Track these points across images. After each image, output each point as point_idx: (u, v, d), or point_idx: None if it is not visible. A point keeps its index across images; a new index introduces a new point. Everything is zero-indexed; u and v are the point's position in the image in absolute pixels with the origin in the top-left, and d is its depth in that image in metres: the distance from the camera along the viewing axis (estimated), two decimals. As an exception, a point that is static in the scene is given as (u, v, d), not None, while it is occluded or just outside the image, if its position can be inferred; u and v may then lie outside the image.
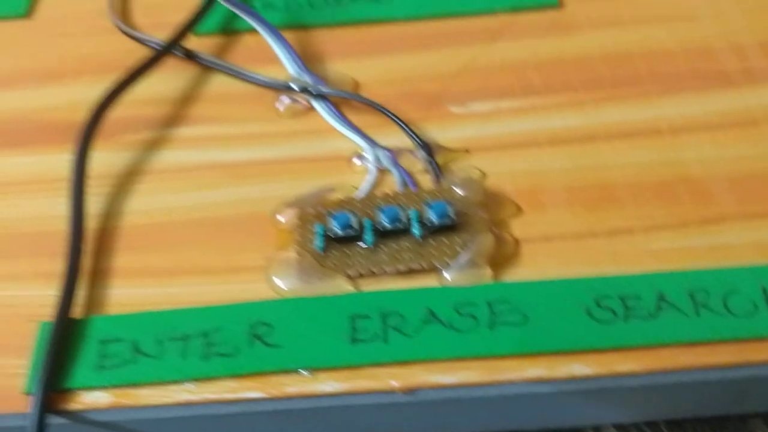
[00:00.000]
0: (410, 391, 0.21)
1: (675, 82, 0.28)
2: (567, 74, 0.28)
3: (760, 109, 0.27)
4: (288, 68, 0.28)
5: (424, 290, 0.22)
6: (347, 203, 0.24)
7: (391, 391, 0.21)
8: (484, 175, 0.25)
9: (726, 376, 0.21)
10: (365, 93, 0.28)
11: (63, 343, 0.22)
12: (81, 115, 0.26)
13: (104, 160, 0.26)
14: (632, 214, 0.24)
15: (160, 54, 0.28)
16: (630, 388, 0.21)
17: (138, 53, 0.29)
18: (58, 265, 0.23)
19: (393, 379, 0.21)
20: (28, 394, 0.21)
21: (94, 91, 0.27)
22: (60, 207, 0.25)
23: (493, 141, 0.26)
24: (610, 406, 0.22)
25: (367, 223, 0.23)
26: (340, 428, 0.21)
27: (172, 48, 0.28)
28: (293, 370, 0.21)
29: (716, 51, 0.29)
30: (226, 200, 0.25)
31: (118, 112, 0.27)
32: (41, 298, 0.23)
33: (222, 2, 0.29)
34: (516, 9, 0.30)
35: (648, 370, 0.21)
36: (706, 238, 0.23)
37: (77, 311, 0.23)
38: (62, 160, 0.26)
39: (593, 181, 0.25)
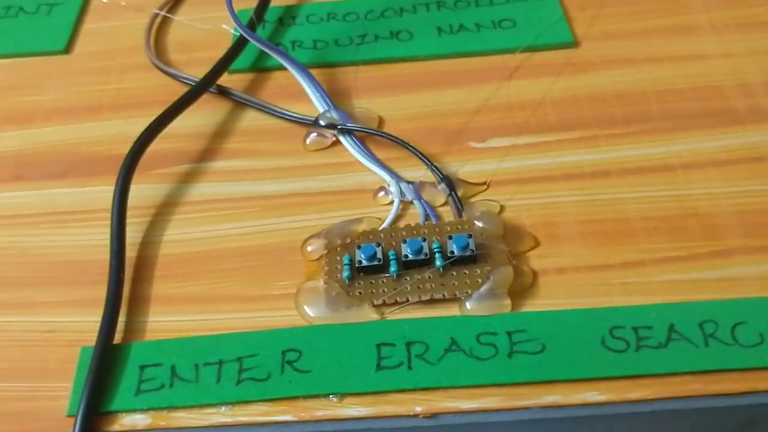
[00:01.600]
0: (432, 416, 0.22)
1: (685, 120, 0.29)
2: (581, 111, 0.30)
3: (767, 146, 0.28)
4: (316, 104, 0.30)
5: (446, 319, 0.24)
6: (372, 234, 0.26)
7: (414, 416, 0.22)
8: (502, 208, 0.27)
9: (733, 403, 0.22)
10: (389, 128, 0.29)
11: (104, 368, 0.23)
12: (119, 147, 0.28)
13: (142, 192, 0.28)
14: (644, 246, 0.25)
15: (198, 91, 0.29)
16: (641, 414, 0.22)
17: (172, 88, 0.31)
18: (99, 293, 0.24)
19: (416, 404, 0.22)
20: (70, 416, 0.22)
21: (131, 125, 0.29)
22: (101, 237, 0.26)
23: (511, 175, 0.28)
24: (623, 430, 0.23)
25: (391, 254, 0.25)
26: (366, 450, 0.23)
27: (208, 85, 0.30)
28: (322, 395, 0.22)
29: (725, 89, 0.30)
30: (258, 231, 0.27)
31: (155, 145, 0.28)
32: (83, 324, 0.24)
33: (253, 42, 0.31)
34: (533, 48, 0.32)
35: (659, 397, 0.22)
36: (715, 271, 0.25)
37: (118, 337, 0.24)
38: (103, 192, 0.27)
39: (606, 215, 0.26)
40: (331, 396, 0.22)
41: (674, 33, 0.32)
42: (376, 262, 0.24)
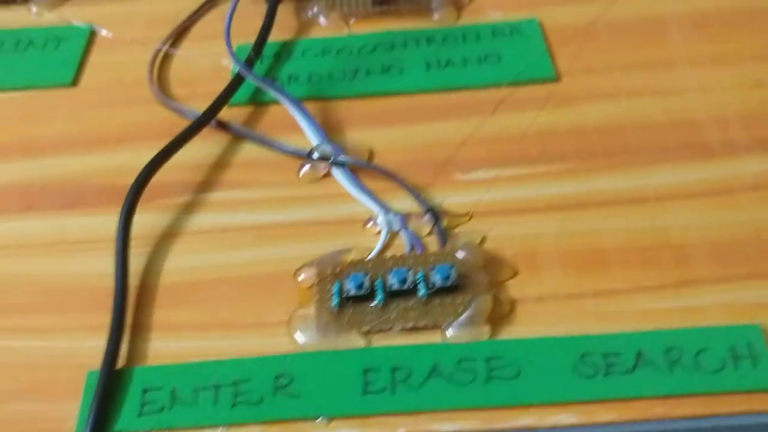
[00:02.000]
0: (415, 437, 0.24)
1: (662, 153, 0.31)
2: (563, 144, 0.31)
3: (738, 179, 0.29)
4: (310, 138, 0.31)
5: (428, 347, 0.25)
6: (361, 264, 0.27)
7: (398, 437, 0.24)
8: (484, 238, 0.28)
9: (695, 426, 0.24)
10: (379, 160, 0.31)
11: (108, 391, 0.24)
12: (124, 178, 0.30)
13: (145, 221, 0.29)
14: (618, 276, 0.27)
15: (198, 126, 0.31)
16: (611, 437, 0.24)
17: (174, 121, 0.32)
18: (105, 319, 0.26)
19: (400, 427, 0.24)
20: (77, 436, 0.24)
21: (135, 156, 0.31)
22: (107, 265, 0.28)
23: (494, 206, 0.29)
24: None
25: (378, 283, 0.26)
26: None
27: (208, 120, 0.31)
28: (312, 418, 0.24)
29: (700, 124, 0.31)
30: (253, 260, 0.28)
31: (157, 177, 0.30)
32: (90, 349, 0.26)
33: (250, 79, 0.32)
34: (517, 82, 0.33)
35: (626, 420, 0.24)
36: (682, 300, 0.26)
37: (121, 361, 0.25)
38: (108, 221, 0.29)
39: (584, 246, 0.28)
40: (320, 419, 0.24)
41: (654, 67, 0.34)
42: (363, 292, 0.26)
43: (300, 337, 0.26)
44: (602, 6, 0.36)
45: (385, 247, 0.28)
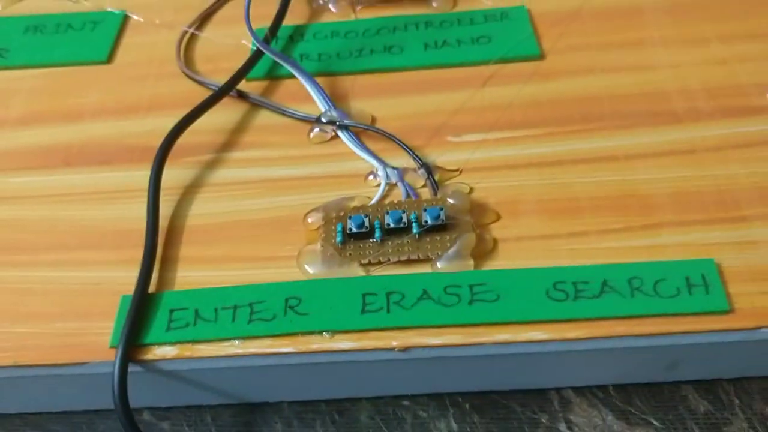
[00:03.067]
0: (406, 349, 0.27)
1: (633, 119, 0.34)
2: (544, 113, 0.35)
3: (700, 141, 0.33)
4: (319, 105, 0.35)
5: (419, 275, 0.29)
6: (362, 209, 0.31)
7: (391, 349, 0.27)
8: (472, 189, 0.32)
9: (654, 343, 0.27)
10: (380, 125, 0.35)
11: (140, 310, 0.28)
12: (155, 140, 0.34)
13: (173, 175, 0.33)
14: (589, 221, 0.30)
15: (219, 95, 0.35)
16: (578, 352, 0.27)
17: (199, 93, 0.36)
18: (137, 254, 0.30)
19: (393, 340, 0.27)
20: (112, 347, 0.27)
21: (164, 122, 0.34)
22: (138, 211, 0.31)
23: (481, 164, 0.33)
24: (565, 370, 0.28)
25: (376, 223, 0.30)
26: (352, 378, 0.28)
27: (228, 90, 0.35)
28: (317, 332, 0.27)
29: (669, 94, 0.35)
30: (268, 207, 0.32)
31: (184, 138, 0.34)
32: (124, 278, 0.29)
33: (268, 53, 0.36)
34: (504, 60, 0.37)
35: (592, 336, 0.27)
36: (646, 240, 0.30)
37: (152, 287, 0.29)
38: (140, 176, 0.33)
39: (559, 195, 0.31)
40: (324, 333, 0.27)
41: (630, 47, 0.38)
42: (363, 230, 0.30)
43: (308, 268, 0.29)
44: (585, -6, 0.40)
45: (384, 196, 0.32)
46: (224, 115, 0.36)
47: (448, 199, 0.31)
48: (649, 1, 0.40)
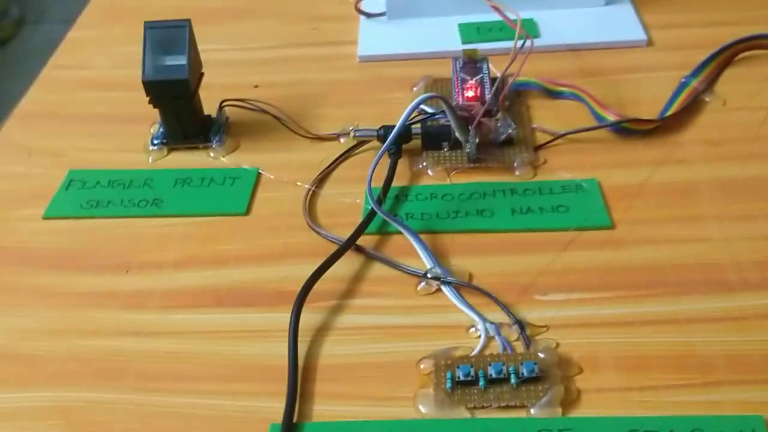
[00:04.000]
0: (507, 483, 0.33)
1: (691, 287, 0.40)
2: (616, 277, 0.41)
3: (751, 309, 0.39)
4: (425, 261, 0.42)
5: (517, 419, 0.35)
6: (467, 358, 0.37)
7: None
8: (558, 344, 0.38)
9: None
10: (476, 281, 0.42)
11: (288, 438, 0.35)
12: (290, 285, 0.41)
13: (304, 318, 0.40)
14: (656, 376, 0.36)
15: (343, 249, 0.42)
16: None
17: (322, 244, 0.43)
18: (278, 388, 0.36)
19: (496, 474, 0.33)
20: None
21: (296, 270, 0.42)
22: (278, 349, 0.38)
23: (565, 321, 0.39)
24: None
25: (480, 373, 0.36)
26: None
27: (350, 244, 0.43)
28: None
29: (722, 266, 0.41)
30: (385, 351, 0.39)
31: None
32: (271, 408, 0.36)
33: (380, 213, 0.43)
34: (581, 228, 0.44)
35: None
36: (704, 396, 0.36)
37: (295, 418, 0.36)
38: (278, 318, 0.40)
39: (632, 353, 0.38)
40: (439, 466, 0.34)
41: (687, 221, 0.44)
42: (470, 378, 0.36)
43: (422, 409, 0.36)
44: (649, 171, 0.47)
45: (484, 347, 0.38)
46: (344, 265, 0.43)
47: (539, 354, 0.37)
48: (704, 180, 0.47)
